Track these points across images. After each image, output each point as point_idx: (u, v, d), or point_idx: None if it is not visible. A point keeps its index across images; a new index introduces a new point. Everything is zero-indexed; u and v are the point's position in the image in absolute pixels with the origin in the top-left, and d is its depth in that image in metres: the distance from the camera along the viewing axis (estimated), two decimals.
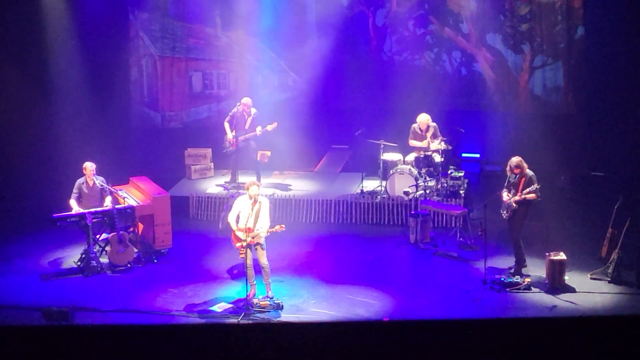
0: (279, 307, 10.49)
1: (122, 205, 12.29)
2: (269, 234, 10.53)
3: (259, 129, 14.63)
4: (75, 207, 12.00)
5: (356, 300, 10.88)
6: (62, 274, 11.89)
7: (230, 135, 14.78)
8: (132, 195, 12.83)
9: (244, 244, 10.47)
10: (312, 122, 17.18)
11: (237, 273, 11.53)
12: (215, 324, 9.93)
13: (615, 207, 11.79)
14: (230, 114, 14.97)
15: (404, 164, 14.38)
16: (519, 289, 11.07)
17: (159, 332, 4.28)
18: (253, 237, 10.48)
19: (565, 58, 16.83)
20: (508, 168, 11.46)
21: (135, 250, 12.20)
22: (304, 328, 4.28)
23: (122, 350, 4.17)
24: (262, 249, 10.64)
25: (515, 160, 11.37)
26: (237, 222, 10.56)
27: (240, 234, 10.51)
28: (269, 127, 14.64)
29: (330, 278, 11.65)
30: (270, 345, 4.13)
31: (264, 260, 10.68)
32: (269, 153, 15.25)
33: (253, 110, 14.79)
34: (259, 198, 10.58)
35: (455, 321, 4.35)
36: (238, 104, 14.94)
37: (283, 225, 10.65)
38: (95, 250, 11.88)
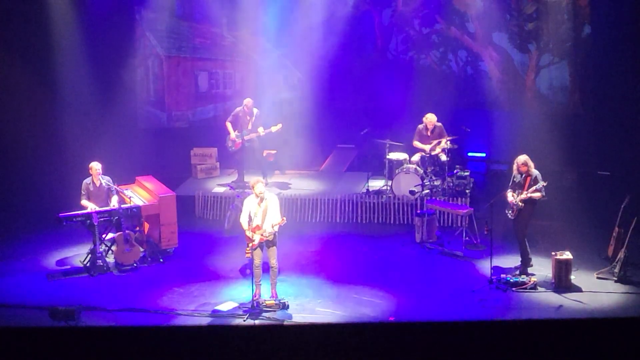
0: (284, 307, 10.49)
1: (128, 205, 12.31)
2: (275, 229, 10.51)
3: (261, 130, 14.65)
4: (90, 206, 12.02)
5: (362, 300, 10.87)
6: (68, 273, 11.92)
7: (233, 134, 14.81)
8: (138, 195, 12.85)
9: (254, 243, 10.49)
10: (317, 122, 17.19)
11: (250, 273, 11.48)
12: (220, 324, 9.94)
13: (622, 206, 11.76)
14: (232, 114, 15.02)
15: (409, 163, 14.38)
16: (525, 288, 11.05)
17: (164, 332, 4.30)
18: (262, 235, 10.50)
19: (572, 57, 16.80)
20: (515, 166, 11.44)
21: (142, 249, 12.22)
22: (310, 328, 4.28)
23: (128, 349, 4.18)
24: (274, 248, 10.65)
25: (522, 158, 11.35)
26: (249, 222, 10.55)
27: (250, 234, 10.52)
28: (273, 129, 14.66)
29: (336, 277, 11.65)
30: (276, 344, 4.14)
31: (273, 261, 10.69)
32: (274, 152, 15.26)
33: (255, 111, 14.83)
34: (265, 195, 10.59)
35: (462, 322, 4.35)
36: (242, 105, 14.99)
37: (284, 218, 10.61)
38: (101, 249, 11.91)
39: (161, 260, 12.32)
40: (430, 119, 14.39)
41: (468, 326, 4.35)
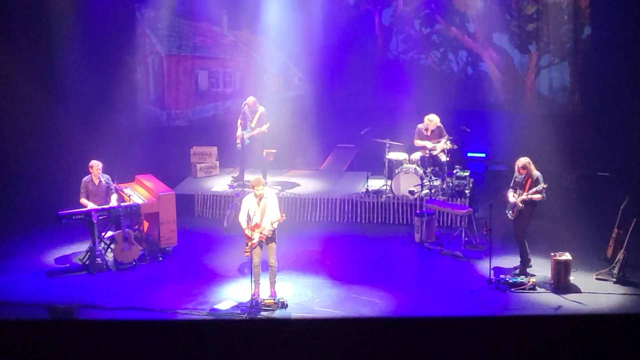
0: (283, 306, 10.50)
1: (128, 203, 12.31)
2: (274, 226, 10.51)
3: (264, 127, 14.63)
4: (90, 204, 12.02)
5: (361, 300, 10.88)
6: (67, 272, 11.92)
7: (239, 132, 14.80)
8: (137, 193, 12.85)
9: (254, 242, 10.48)
10: (317, 121, 17.20)
11: (248, 272, 11.46)
12: (219, 321, 9.94)
13: (621, 207, 11.77)
14: (241, 111, 15.00)
15: (409, 163, 14.37)
16: (524, 289, 11.05)
17: (163, 329, 4.29)
18: (262, 233, 10.50)
19: (572, 58, 16.81)
20: (515, 167, 11.45)
21: (141, 248, 12.22)
22: (309, 325, 4.28)
23: (127, 345, 4.18)
24: (273, 246, 10.64)
25: (523, 160, 11.35)
26: (248, 221, 10.55)
27: (249, 232, 10.52)
28: (264, 128, 14.59)
29: (335, 277, 11.64)
30: (275, 342, 4.14)
31: (272, 260, 10.68)
32: (274, 151, 15.26)
33: (261, 109, 14.79)
34: (265, 194, 10.58)
35: (460, 319, 4.35)
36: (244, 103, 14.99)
37: (283, 215, 10.64)
38: (100, 247, 11.91)
39: (160, 258, 12.32)
40: (433, 120, 14.30)
41: (467, 323, 4.35)
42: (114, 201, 12.17)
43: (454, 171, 14.18)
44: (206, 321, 9.65)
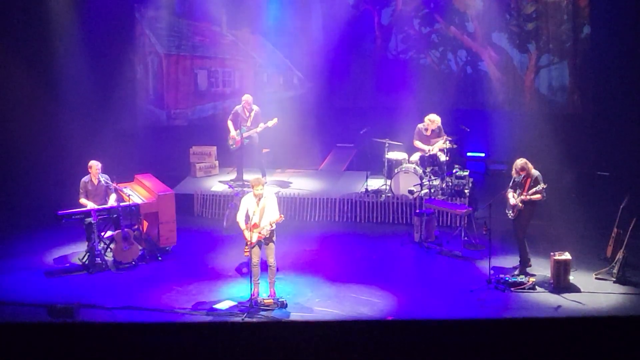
0: (282, 306, 10.49)
1: (127, 203, 12.30)
2: (272, 226, 10.49)
3: (261, 126, 14.63)
4: (89, 204, 12.00)
5: (360, 299, 10.87)
6: (66, 271, 11.91)
7: (233, 132, 14.78)
8: (137, 193, 12.85)
9: (252, 242, 10.47)
10: (317, 121, 17.20)
11: (247, 272, 11.45)
12: (219, 322, 9.94)
13: (621, 207, 11.77)
14: (232, 112, 15.00)
15: (408, 162, 14.37)
16: (524, 288, 11.05)
17: (162, 330, 4.29)
18: (260, 233, 10.48)
19: (571, 57, 16.82)
20: (513, 170, 11.43)
21: (140, 247, 12.21)
22: (308, 326, 4.28)
23: (126, 346, 4.18)
24: (272, 246, 10.63)
25: (520, 162, 11.33)
26: (246, 220, 10.54)
27: (248, 234, 10.49)
28: (270, 124, 14.61)
29: (335, 277, 11.64)
30: (274, 343, 4.14)
31: (271, 260, 10.67)
32: (268, 150, 15.27)
33: (255, 108, 14.79)
34: (264, 194, 10.57)
35: (460, 321, 4.35)
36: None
37: (282, 215, 10.63)
38: (100, 247, 11.90)
39: (159, 258, 12.32)
40: (435, 120, 14.25)
41: (466, 324, 4.35)
42: (112, 201, 12.17)
43: (454, 170, 14.17)
44: (205, 321, 9.67)
